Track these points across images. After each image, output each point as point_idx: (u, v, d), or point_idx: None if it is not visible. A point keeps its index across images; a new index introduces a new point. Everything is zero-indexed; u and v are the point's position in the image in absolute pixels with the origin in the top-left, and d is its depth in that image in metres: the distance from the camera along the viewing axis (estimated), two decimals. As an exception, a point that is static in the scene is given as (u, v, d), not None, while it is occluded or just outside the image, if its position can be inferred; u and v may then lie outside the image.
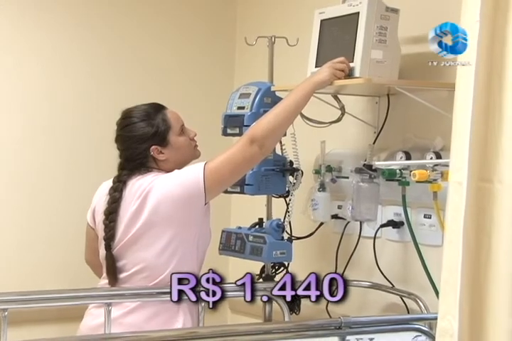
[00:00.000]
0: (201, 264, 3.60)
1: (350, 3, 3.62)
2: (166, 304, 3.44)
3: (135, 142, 3.54)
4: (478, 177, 2.44)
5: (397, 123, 3.89)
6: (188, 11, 4.80)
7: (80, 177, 4.41)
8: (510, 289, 2.42)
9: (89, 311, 3.57)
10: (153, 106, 3.59)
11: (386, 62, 3.58)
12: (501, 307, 2.44)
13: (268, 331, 3.31)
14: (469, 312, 2.43)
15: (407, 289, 3.68)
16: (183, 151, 3.59)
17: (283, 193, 4.02)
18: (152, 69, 4.67)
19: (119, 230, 3.50)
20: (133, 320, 3.42)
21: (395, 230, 3.88)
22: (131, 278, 3.51)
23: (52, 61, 4.50)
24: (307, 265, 4.21)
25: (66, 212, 4.38)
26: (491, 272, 2.46)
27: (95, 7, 4.56)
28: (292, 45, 4.04)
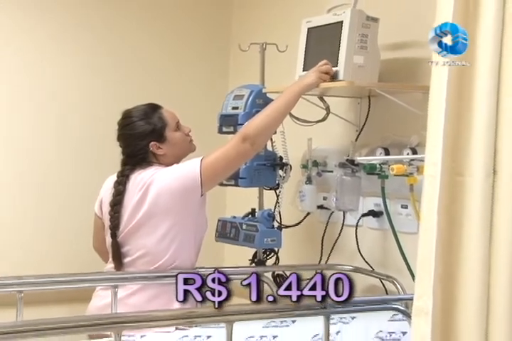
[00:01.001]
0: (198, 250, 3.61)
1: (335, 12, 3.63)
2: (166, 287, 3.45)
3: (135, 139, 3.56)
4: (450, 171, 2.44)
5: (377, 122, 3.90)
6: (186, 19, 4.79)
7: (86, 173, 4.41)
8: (479, 272, 2.43)
9: (96, 293, 3.59)
10: (150, 106, 3.62)
11: (367, 67, 3.59)
12: (471, 288, 2.44)
13: (260, 311, 3.32)
14: (442, 292, 2.43)
15: (385, 272, 3.67)
16: (180, 146, 3.61)
17: (273, 186, 4.03)
18: (153, 72, 4.67)
19: (123, 219, 3.52)
20: (136, 301, 3.43)
21: (375, 219, 3.88)
22: (134, 262, 3.52)
23: (61, 64, 4.49)
24: (295, 251, 4.23)
25: (74, 204, 4.38)
26: (462, 257, 2.47)
27: (100, 13, 4.55)
28: (282, 51, 4.05)
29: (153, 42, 4.71)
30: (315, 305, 3.04)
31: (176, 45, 4.76)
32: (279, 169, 3.96)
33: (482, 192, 2.44)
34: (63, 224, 4.44)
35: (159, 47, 4.73)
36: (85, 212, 3.84)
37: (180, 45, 4.78)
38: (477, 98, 2.45)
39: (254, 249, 4.06)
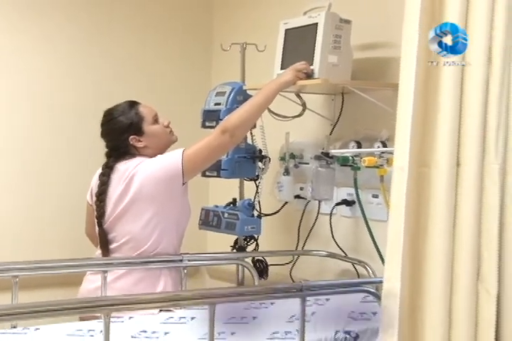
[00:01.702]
0: (181, 237, 3.62)
1: (310, 15, 3.63)
2: (149, 271, 3.49)
3: (115, 134, 3.58)
4: (417, 162, 2.46)
5: (350, 117, 3.90)
6: (171, 21, 4.78)
7: (78, 164, 4.39)
8: (443, 257, 2.46)
9: (86, 277, 3.59)
10: (127, 103, 3.63)
11: (340, 66, 3.58)
12: (436, 272, 2.47)
13: (241, 294, 3.32)
14: (409, 276, 2.45)
15: (357, 257, 3.70)
16: (159, 137, 3.61)
17: (253, 177, 4.03)
18: (140, 71, 4.66)
19: (109, 208, 3.53)
20: (122, 284, 3.43)
21: (347, 208, 3.89)
22: (120, 248, 3.53)
23: (54, 64, 4.47)
24: (274, 238, 4.23)
25: (68, 193, 4.37)
26: (427, 243, 2.49)
27: (91, 16, 4.52)
28: (261, 51, 4.05)
29: (141, 43, 4.70)
30: (292, 288, 3.05)
31: (162, 45, 4.76)
32: (258, 161, 3.96)
33: (446, 183, 2.47)
34: (57, 213, 4.43)
35: (146, 47, 4.72)
36: (78, 201, 3.83)
37: (166, 46, 4.77)
38: (442, 95, 2.47)
39: (236, 236, 4.06)
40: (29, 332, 3.04)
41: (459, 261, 2.48)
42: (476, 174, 2.47)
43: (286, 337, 2.97)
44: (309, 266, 4.05)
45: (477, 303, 2.47)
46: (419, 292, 2.49)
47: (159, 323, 3.16)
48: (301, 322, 2.87)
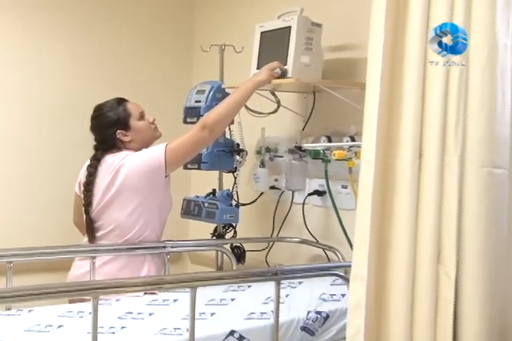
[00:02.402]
0: (163, 225, 3.64)
1: (284, 19, 3.64)
2: (134, 257, 3.51)
3: (103, 128, 3.58)
4: (383, 155, 2.46)
5: (321, 114, 3.90)
6: (155, 25, 4.77)
7: (68, 157, 4.37)
8: (407, 243, 2.46)
9: (75, 263, 3.60)
10: (116, 100, 3.64)
11: (312, 66, 3.59)
12: (400, 257, 2.47)
13: (220, 278, 3.33)
14: (375, 260, 2.46)
15: (328, 244, 3.70)
16: (144, 133, 3.62)
17: (231, 169, 4.03)
18: (126, 71, 4.64)
19: (96, 198, 3.53)
20: (108, 269, 3.44)
21: (319, 198, 3.89)
22: (106, 235, 3.53)
23: (47, 62, 4.47)
24: (251, 226, 4.24)
25: (57, 185, 4.35)
26: (392, 230, 2.49)
27: (82, 22, 4.53)
28: (238, 52, 4.05)
29: (126, 45, 4.69)
30: (267, 272, 3.07)
31: (146, 47, 4.75)
32: (236, 154, 3.97)
33: (410, 173, 2.48)
34: (47, 202, 4.42)
35: (131, 49, 4.70)
36: (66, 192, 3.82)
37: (150, 47, 4.76)
38: (406, 92, 2.48)
39: (215, 224, 4.07)
40: (23, 314, 3.04)
41: (421, 246, 2.48)
42: (437, 165, 2.47)
43: (262, 317, 2.98)
44: (283, 252, 4.06)
45: (437, 285, 2.48)
46: (384, 275, 2.49)
47: (144, 305, 3.16)
48: (276, 304, 2.90)
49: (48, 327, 2.85)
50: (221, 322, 2.94)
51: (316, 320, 3.05)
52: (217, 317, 3.00)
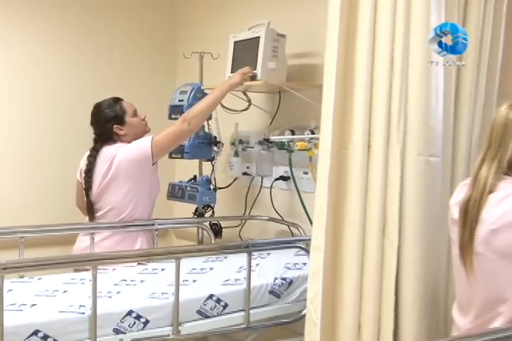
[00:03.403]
0: (153, 205, 3.63)
1: (254, 30, 3.64)
2: (129, 233, 3.51)
3: (102, 123, 3.56)
4: (338, 145, 2.47)
5: (286, 111, 3.91)
6: (144, 35, 4.73)
7: (69, 148, 4.31)
8: (357, 219, 2.49)
9: (79, 238, 3.58)
10: (113, 99, 3.61)
11: (278, 70, 3.59)
12: (351, 231, 2.49)
13: (200, 250, 3.35)
14: (331, 235, 2.48)
15: (292, 221, 3.73)
16: (137, 128, 3.60)
17: (210, 158, 4.02)
18: (119, 75, 4.59)
19: (95, 183, 3.52)
20: (107, 244, 3.44)
21: (284, 182, 3.90)
22: (104, 215, 3.53)
23: (49, 64, 4.44)
24: (226, 206, 4.24)
25: (62, 173, 4.28)
26: (345, 209, 2.51)
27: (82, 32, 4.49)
28: (215, 58, 4.04)
29: (120, 53, 4.64)
30: (240, 245, 3.09)
31: (136, 54, 4.70)
32: (214, 146, 3.95)
33: (360, 161, 2.50)
34: (53, 185, 4.37)
35: (124, 56, 4.65)
36: (70, 178, 3.79)
37: (140, 54, 4.73)
38: (356, 93, 2.49)
39: (196, 205, 4.06)
40: (33, 281, 3.05)
41: (369, 222, 2.51)
42: (383, 154, 2.49)
43: (236, 283, 3.00)
44: (254, 228, 4.06)
45: (382, 254, 2.51)
46: (338, 247, 2.51)
47: (136, 274, 3.17)
48: (248, 272, 2.92)
49: (54, 292, 2.86)
50: (201, 288, 2.95)
51: (281, 285, 3.07)
52: (198, 284, 3.02)
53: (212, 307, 2.88)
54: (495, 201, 1.99)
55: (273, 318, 3.05)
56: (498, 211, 1.97)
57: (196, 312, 2.85)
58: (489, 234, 1.97)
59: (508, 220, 1.94)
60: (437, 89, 2.54)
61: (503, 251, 1.96)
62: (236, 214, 4.19)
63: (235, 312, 2.94)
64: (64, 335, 2.51)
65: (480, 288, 2.05)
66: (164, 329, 2.74)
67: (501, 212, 1.96)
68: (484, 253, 2.00)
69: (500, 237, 1.96)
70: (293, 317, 3.05)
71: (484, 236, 1.99)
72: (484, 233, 1.99)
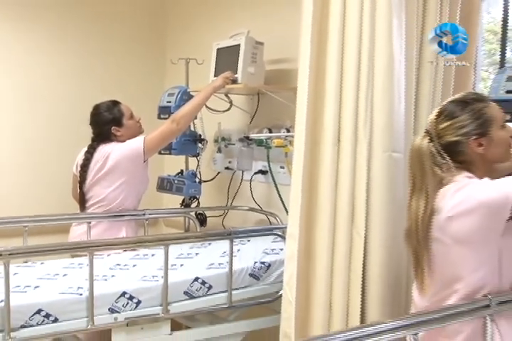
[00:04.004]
0: (140, 198, 3.63)
1: (235, 38, 3.64)
2: (115, 222, 3.49)
3: (101, 125, 3.53)
4: (310, 142, 2.49)
5: (264, 111, 3.90)
6: (137, 44, 4.72)
7: (69, 143, 4.24)
8: (328, 210, 2.50)
9: (72, 227, 3.56)
10: (112, 101, 3.58)
11: (256, 74, 3.59)
12: (323, 220, 2.51)
13: (187, 237, 3.37)
14: (305, 223, 2.49)
15: (270, 210, 3.72)
16: (133, 129, 3.57)
17: (195, 154, 4.01)
18: (115, 80, 4.56)
19: (89, 176, 3.50)
20: (95, 232, 3.40)
21: (262, 176, 3.89)
22: (93, 205, 3.52)
23: (51, 66, 4.42)
24: (210, 197, 4.24)
25: (60, 168, 4.22)
26: (317, 200, 2.53)
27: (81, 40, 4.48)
28: (200, 64, 4.02)
29: (115, 59, 4.60)
30: (223, 233, 3.10)
31: (129, 60, 4.67)
32: (199, 143, 3.95)
33: (331, 156, 2.51)
34: (52, 179, 4.33)
35: (119, 62, 4.62)
36: (67, 173, 3.75)
37: (133, 60, 4.69)
38: (326, 94, 2.50)
39: (183, 196, 4.06)
40: (36, 265, 3.06)
41: (339, 213, 2.53)
42: (351, 150, 2.51)
43: (220, 267, 3.01)
44: (236, 217, 4.06)
45: (351, 242, 2.53)
46: (311, 235, 2.53)
47: (129, 259, 3.17)
48: (230, 257, 2.93)
49: (55, 275, 2.87)
50: (188, 271, 2.96)
51: (260, 268, 3.08)
52: (185, 268, 3.02)
53: (198, 288, 2.89)
54: (450, 193, 2.02)
55: (253, 298, 3.06)
56: (453, 201, 2.00)
57: (183, 293, 2.86)
58: (445, 221, 2.01)
59: (461, 209, 1.97)
60: (399, 92, 2.56)
61: (457, 236, 2.00)
62: (219, 204, 4.18)
63: (219, 293, 2.94)
64: (64, 314, 2.54)
65: (436, 269, 2.09)
66: (155, 309, 2.75)
67: (456, 202, 1.99)
68: (441, 238, 2.03)
69: (454, 224, 1.99)
70: (271, 297, 3.05)
71: (441, 223, 2.02)
72: (441, 220, 2.02)
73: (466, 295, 2.01)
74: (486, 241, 1.97)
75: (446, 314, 1.92)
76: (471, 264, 2.00)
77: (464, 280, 2.01)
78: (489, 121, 2.07)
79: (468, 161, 2.09)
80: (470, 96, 2.13)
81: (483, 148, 2.07)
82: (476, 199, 1.96)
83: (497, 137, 2.07)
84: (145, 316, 2.72)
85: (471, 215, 1.95)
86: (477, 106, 2.08)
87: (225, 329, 2.99)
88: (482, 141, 2.06)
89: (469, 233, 1.97)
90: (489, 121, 2.07)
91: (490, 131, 2.06)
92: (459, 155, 2.09)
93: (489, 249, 1.98)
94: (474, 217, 1.95)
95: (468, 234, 1.97)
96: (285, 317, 2.48)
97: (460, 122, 2.07)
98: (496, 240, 1.97)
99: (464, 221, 1.97)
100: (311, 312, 2.53)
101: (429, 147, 2.09)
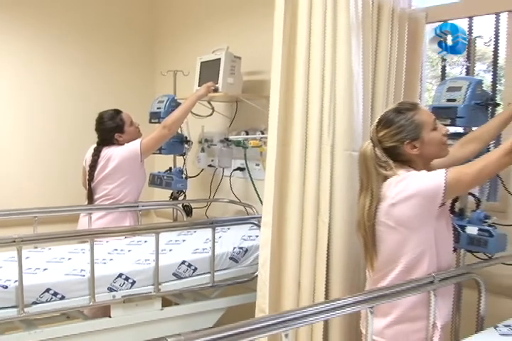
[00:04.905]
0: (140, 192, 3.61)
1: (216, 53, 3.64)
2: (120, 214, 3.48)
3: (105, 132, 3.51)
4: (281, 143, 2.49)
5: (242, 116, 3.91)
6: (131, 57, 4.69)
7: (79, 141, 4.07)
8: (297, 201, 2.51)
9: (80, 218, 3.54)
10: (115, 110, 3.55)
11: (235, 84, 3.61)
12: (293, 210, 2.51)
13: (175, 226, 3.38)
14: (277, 213, 2.49)
15: (247, 202, 3.74)
16: (132, 134, 3.54)
17: (182, 153, 4.00)
18: (110, 89, 4.53)
19: (96, 176, 3.49)
20: (101, 222, 3.42)
21: (241, 172, 3.90)
22: (100, 199, 3.51)
23: (59, 80, 4.39)
24: (195, 191, 4.24)
25: (68, 165, 4.17)
26: (288, 193, 2.53)
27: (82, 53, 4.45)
28: (186, 75, 4.00)
29: (112, 71, 4.57)
30: (206, 222, 3.11)
31: (124, 71, 4.64)
32: (185, 144, 3.95)
33: (299, 155, 2.52)
34: (62, 175, 4.29)
35: (115, 74, 4.58)
36: (75, 170, 3.77)
37: (127, 72, 4.67)
38: (295, 101, 2.50)
39: (172, 190, 4.05)
40: (45, 251, 3.06)
41: (306, 204, 2.54)
42: (317, 150, 2.52)
43: (203, 251, 3.03)
44: (217, 208, 4.06)
45: (317, 228, 2.54)
46: (283, 223, 2.53)
47: (125, 245, 3.17)
48: (212, 243, 2.94)
49: (61, 259, 2.88)
50: (176, 255, 2.97)
51: (239, 252, 3.10)
52: (174, 252, 3.03)
53: (185, 270, 2.90)
54: (393, 183, 2.08)
55: (232, 278, 3.08)
56: (395, 190, 2.05)
57: (172, 275, 2.87)
58: (389, 207, 2.07)
59: (401, 196, 2.03)
60: (358, 99, 2.58)
61: (399, 219, 2.06)
62: (203, 197, 4.19)
63: (203, 274, 2.97)
64: (69, 292, 2.57)
65: (381, 249, 2.14)
66: (147, 288, 2.77)
67: (397, 191, 2.04)
68: (386, 221, 2.09)
69: (397, 209, 2.05)
70: (248, 278, 3.07)
71: (386, 209, 2.08)
72: (386, 207, 2.08)
73: (403, 272, 2.08)
74: (423, 224, 2.03)
75: (397, 290, 1.95)
76: (411, 244, 2.06)
77: (404, 258, 2.07)
78: (419, 126, 2.10)
79: (408, 160, 2.13)
80: (403, 106, 2.16)
81: (417, 150, 2.10)
82: (414, 188, 2.01)
83: (428, 138, 2.10)
84: (139, 294, 2.73)
85: (409, 201, 2.01)
86: (408, 114, 2.11)
87: (208, 305, 3.00)
88: (415, 144, 2.10)
89: (409, 217, 2.03)
90: (420, 126, 2.10)
91: (421, 134, 2.10)
92: (398, 156, 2.13)
93: (426, 231, 2.05)
94: (412, 202, 2.00)
95: (408, 218, 2.03)
96: (260, 295, 2.48)
97: (394, 130, 2.11)
98: (431, 223, 2.04)
99: (404, 206, 2.02)
100: (283, 290, 2.54)
101: (372, 151, 2.13)
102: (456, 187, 2.00)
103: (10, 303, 2.42)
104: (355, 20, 2.54)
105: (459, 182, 1.98)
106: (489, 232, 2.33)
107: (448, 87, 2.44)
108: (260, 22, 3.63)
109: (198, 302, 3.01)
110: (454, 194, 2.09)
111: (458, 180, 1.98)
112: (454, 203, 2.54)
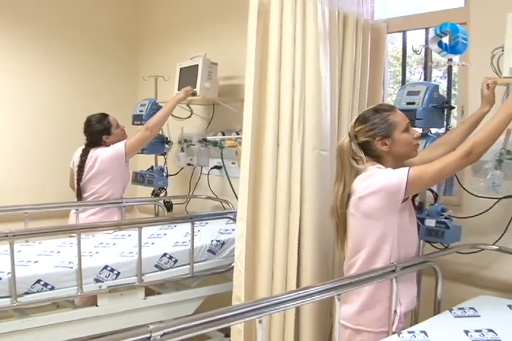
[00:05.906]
0: (124, 189, 3.58)
1: (194, 59, 3.65)
2: (109, 211, 3.47)
3: (93, 134, 3.48)
4: (255, 143, 2.50)
5: (218, 118, 3.91)
6: (115, 64, 4.65)
7: (67, 143, 4.00)
8: (269, 198, 2.52)
9: (70, 214, 3.50)
10: (102, 114, 3.52)
11: (212, 88, 3.61)
12: (266, 205, 2.53)
13: (156, 220, 3.37)
14: (251, 209, 2.50)
15: (223, 198, 3.74)
16: (119, 136, 3.52)
17: (163, 153, 4.00)
18: (94, 94, 4.48)
19: (84, 175, 3.46)
20: (93, 219, 3.39)
21: (218, 170, 3.89)
22: (88, 197, 3.47)
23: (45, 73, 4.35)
24: (176, 187, 4.23)
25: (58, 163, 4.12)
26: (261, 190, 2.54)
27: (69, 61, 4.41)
28: (166, 80, 3.99)
29: (96, 77, 4.52)
30: (186, 216, 3.11)
31: (108, 77, 4.59)
32: (165, 144, 3.94)
33: (272, 154, 2.53)
34: (51, 173, 4.24)
35: (99, 79, 4.52)
36: (64, 168, 3.70)
37: (111, 78, 4.63)
38: (268, 104, 2.51)
39: (153, 187, 4.03)
40: (35, 245, 3.04)
41: (279, 199, 2.55)
42: (288, 149, 2.53)
43: (183, 244, 3.02)
44: (196, 204, 4.05)
45: (289, 222, 2.55)
46: (257, 217, 2.54)
47: (110, 239, 3.16)
48: (191, 236, 2.94)
49: (51, 252, 2.86)
50: (158, 248, 2.96)
51: (216, 245, 3.10)
52: (156, 245, 3.02)
53: (166, 262, 2.90)
54: (362, 179, 2.11)
55: (211, 269, 3.08)
56: (363, 185, 2.08)
57: (154, 266, 2.87)
58: (357, 200, 2.10)
59: (368, 191, 2.06)
60: (326, 102, 2.59)
61: (365, 212, 2.09)
62: (183, 194, 4.17)
63: (183, 266, 2.96)
64: (58, 283, 2.56)
65: (350, 238, 2.17)
66: (131, 279, 2.76)
67: (365, 186, 2.08)
68: (354, 213, 2.12)
69: (364, 202, 2.08)
70: (225, 268, 3.07)
71: (354, 202, 2.11)
72: (355, 200, 2.11)
73: (367, 260, 2.11)
74: (387, 217, 2.06)
75: (363, 278, 1.97)
76: (373, 235, 2.09)
77: (366, 248, 2.11)
78: (392, 125, 2.13)
79: (379, 156, 2.16)
80: (381, 107, 2.20)
81: (387, 147, 2.13)
82: (380, 183, 2.04)
83: (398, 138, 2.13)
84: (124, 284, 2.72)
85: (374, 195, 2.04)
86: (384, 114, 2.15)
87: (188, 295, 3.00)
88: (386, 141, 2.13)
89: (374, 209, 2.06)
90: (392, 126, 2.13)
91: (392, 134, 2.12)
92: (370, 151, 2.15)
93: (389, 224, 2.07)
94: (377, 197, 2.04)
95: (372, 210, 2.06)
96: (236, 284, 2.49)
97: (369, 126, 2.14)
98: (394, 216, 2.07)
99: (370, 200, 2.05)
100: (257, 280, 2.56)
101: (348, 145, 2.16)
102: (417, 184, 2.04)
103: (3, 293, 2.42)
104: (322, 30, 2.56)
105: (420, 179, 2.02)
106: (446, 224, 2.37)
107: (408, 91, 2.47)
108: (235, 31, 3.62)
109: (178, 291, 3.00)
110: (415, 190, 2.11)
111: (419, 177, 2.01)
112: (414, 198, 2.56)
